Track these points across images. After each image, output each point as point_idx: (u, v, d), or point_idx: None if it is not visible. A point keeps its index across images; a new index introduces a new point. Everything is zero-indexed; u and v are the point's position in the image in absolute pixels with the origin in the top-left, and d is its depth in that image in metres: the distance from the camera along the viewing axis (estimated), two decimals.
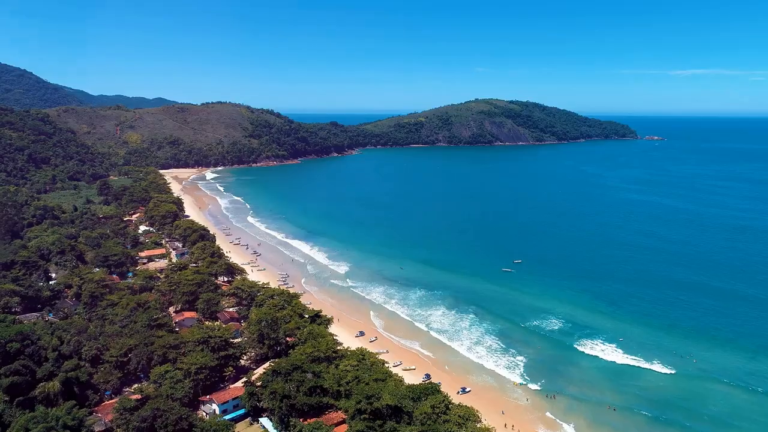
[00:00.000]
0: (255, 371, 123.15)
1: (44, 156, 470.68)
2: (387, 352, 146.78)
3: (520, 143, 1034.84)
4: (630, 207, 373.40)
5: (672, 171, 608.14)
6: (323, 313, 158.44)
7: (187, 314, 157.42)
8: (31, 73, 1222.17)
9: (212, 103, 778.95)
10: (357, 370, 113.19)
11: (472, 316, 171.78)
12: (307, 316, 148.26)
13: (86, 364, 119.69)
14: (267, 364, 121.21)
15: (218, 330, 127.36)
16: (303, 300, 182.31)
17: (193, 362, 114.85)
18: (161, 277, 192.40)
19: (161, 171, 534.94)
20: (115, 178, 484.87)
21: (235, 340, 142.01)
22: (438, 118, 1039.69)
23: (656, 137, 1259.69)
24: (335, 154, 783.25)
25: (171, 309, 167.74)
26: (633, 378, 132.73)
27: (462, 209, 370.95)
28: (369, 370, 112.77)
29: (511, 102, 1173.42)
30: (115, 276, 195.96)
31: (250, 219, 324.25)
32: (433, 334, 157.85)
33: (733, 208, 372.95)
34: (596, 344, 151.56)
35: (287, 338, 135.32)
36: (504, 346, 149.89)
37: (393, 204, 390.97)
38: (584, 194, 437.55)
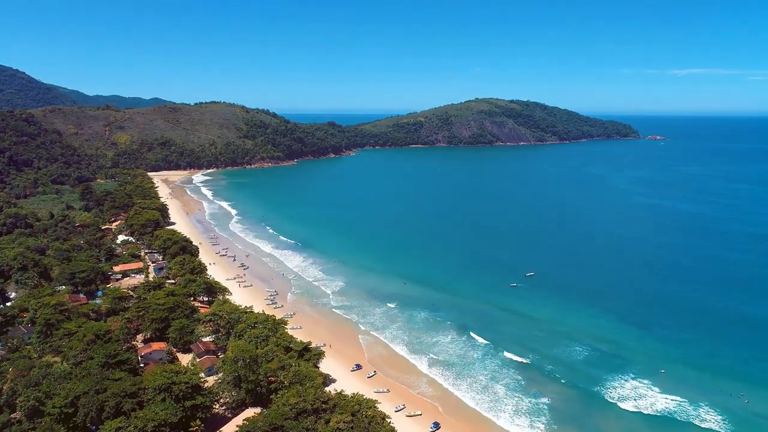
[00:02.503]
0: (228, 426, 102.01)
1: (26, 158, 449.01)
2: (387, 391, 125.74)
3: (522, 143, 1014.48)
4: (642, 212, 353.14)
5: (680, 172, 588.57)
6: (314, 345, 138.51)
7: (156, 345, 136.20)
8: (24, 72, 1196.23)
9: (206, 102, 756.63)
10: (352, 428, 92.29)
11: (484, 343, 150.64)
12: (294, 348, 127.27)
13: (22, 418, 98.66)
14: (241, 420, 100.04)
15: (185, 373, 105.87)
16: (292, 322, 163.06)
17: (150, 417, 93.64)
18: (134, 296, 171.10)
19: (151, 173, 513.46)
20: (102, 181, 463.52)
21: (209, 380, 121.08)
22: (438, 118, 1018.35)
23: (659, 137, 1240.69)
24: (332, 155, 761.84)
25: (139, 337, 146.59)
26: (679, 430, 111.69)
27: (465, 214, 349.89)
28: (366, 429, 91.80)
29: (512, 101, 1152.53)
30: (82, 296, 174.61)
31: (239, 227, 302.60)
32: (441, 369, 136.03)
33: (749, 212, 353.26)
34: (628, 381, 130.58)
35: (269, 378, 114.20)
36: (524, 384, 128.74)
37: (392, 209, 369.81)
38: (592, 198, 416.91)
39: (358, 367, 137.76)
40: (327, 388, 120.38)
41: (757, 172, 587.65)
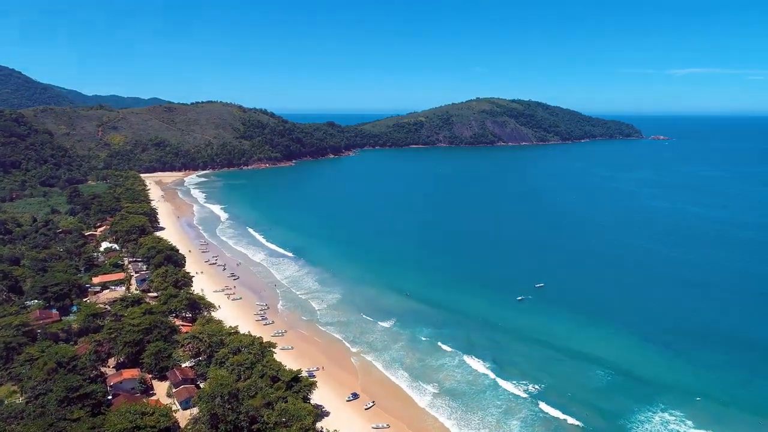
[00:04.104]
0: None
1: (14, 159, 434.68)
2: (387, 427, 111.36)
3: (524, 143, 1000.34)
4: (656, 216, 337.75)
5: (688, 173, 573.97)
6: (305, 370, 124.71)
7: (128, 373, 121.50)
8: (20, 72, 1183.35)
9: (202, 102, 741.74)
10: None
11: (494, 369, 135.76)
12: (282, 378, 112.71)
13: None
14: None
15: (152, 414, 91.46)
16: (283, 342, 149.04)
17: None
18: (111, 311, 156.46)
19: (144, 175, 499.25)
20: (93, 183, 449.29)
21: (184, 415, 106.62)
22: (438, 118, 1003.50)
23: (662, 137, 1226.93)
24: (332, 156, 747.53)
25: (111, 362, 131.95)
26: None
27: (468, 219, 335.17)
28: None
29: (514, 101, 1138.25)
30: (54, 312, 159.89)
31: (231, 232, 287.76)
32: (447, 399, 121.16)
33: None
34: (657, 413, 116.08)
35: (252, 416, 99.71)
36: (542, 417, 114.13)
37: (392, 213, 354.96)
38: (602, 201, 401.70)
39: (355, 396, 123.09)
40: (319, 424, 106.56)
41: (766, 173, 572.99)
